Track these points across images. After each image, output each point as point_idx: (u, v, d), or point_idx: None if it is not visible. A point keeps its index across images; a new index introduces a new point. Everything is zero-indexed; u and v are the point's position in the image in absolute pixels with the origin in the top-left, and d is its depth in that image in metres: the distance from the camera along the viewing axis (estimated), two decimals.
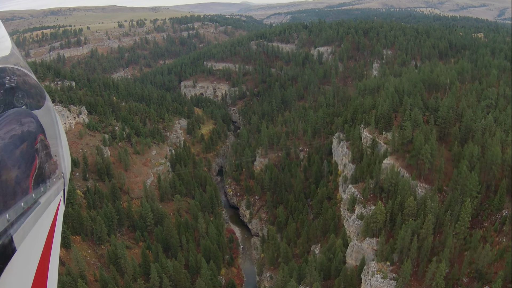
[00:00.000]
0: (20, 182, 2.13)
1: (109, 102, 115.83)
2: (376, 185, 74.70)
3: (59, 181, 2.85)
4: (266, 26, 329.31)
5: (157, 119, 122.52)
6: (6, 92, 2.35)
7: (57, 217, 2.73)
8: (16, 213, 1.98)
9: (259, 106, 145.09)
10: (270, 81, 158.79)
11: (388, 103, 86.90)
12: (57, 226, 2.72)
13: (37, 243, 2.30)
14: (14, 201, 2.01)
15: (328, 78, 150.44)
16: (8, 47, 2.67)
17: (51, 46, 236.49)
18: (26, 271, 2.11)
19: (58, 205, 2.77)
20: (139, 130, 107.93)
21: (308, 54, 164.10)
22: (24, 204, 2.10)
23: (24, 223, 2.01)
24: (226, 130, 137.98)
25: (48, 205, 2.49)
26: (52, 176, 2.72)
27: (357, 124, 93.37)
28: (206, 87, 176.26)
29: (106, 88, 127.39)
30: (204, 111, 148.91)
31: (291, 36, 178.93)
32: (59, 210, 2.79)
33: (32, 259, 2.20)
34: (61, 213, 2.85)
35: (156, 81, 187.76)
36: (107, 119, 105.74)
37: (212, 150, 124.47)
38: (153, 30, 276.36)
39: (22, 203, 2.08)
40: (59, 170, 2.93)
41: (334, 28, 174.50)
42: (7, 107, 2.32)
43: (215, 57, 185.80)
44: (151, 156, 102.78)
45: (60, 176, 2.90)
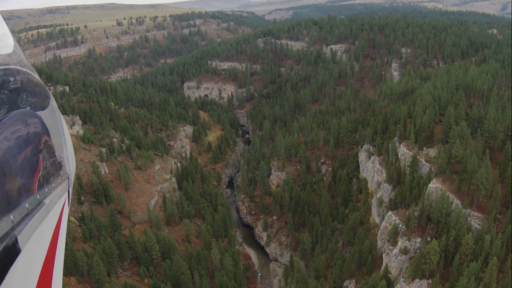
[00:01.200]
0: (24, 183, 2.12)
1: (106, 109, 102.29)
2: (422, 213, 62.04)
3: (64, 182, 2.80)
4: (270, 22, 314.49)
5: (159, 126, 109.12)
6: (10, 93, 2.31)
7: (62, 218, 2.68)
8: (20, 214, 1.97)
9: (269, 110, 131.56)
10: (280, 81, 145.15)
11: (428, 114, 73.73)
12: (62, 227, 2.67)
13: (42, 244, 2.28)
14: (19, 202, 2.00)
15: (344, 79, 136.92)
16: (11, 45, 2.59)
17: (46, 46, 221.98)
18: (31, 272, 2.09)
19: (63, 206, 2.72)
20: (140, 141, 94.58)
21: (320, 53, 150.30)
22: (28, 205, 2.09)
23: (28, 224, 2.01)
24: (235, 136, 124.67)
25: (52, 206, 2.47)
26: (56, 177, 2.68)
27: (389, 136, 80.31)
28: (211, 88, 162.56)
29: (103, 92, 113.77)
30: (210, 115, 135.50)
31: (300, 33, 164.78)
32: (63, 211, 2.74)
33: (37, 260, 2.18)
34: (66, 214, 2.79)
35: (157, 82, 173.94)
36: (104, 129, 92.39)
37: (220, 160, 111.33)
38: (153, 28, 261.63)
39: (27, 204, 2.07)
40: (64, 171, 2.86)
41: (346, 24, 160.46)
42: (11, 108, 2.28)
43: (220, 56, 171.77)
44: (154, 172, 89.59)
45: (64, 177, 2.83)
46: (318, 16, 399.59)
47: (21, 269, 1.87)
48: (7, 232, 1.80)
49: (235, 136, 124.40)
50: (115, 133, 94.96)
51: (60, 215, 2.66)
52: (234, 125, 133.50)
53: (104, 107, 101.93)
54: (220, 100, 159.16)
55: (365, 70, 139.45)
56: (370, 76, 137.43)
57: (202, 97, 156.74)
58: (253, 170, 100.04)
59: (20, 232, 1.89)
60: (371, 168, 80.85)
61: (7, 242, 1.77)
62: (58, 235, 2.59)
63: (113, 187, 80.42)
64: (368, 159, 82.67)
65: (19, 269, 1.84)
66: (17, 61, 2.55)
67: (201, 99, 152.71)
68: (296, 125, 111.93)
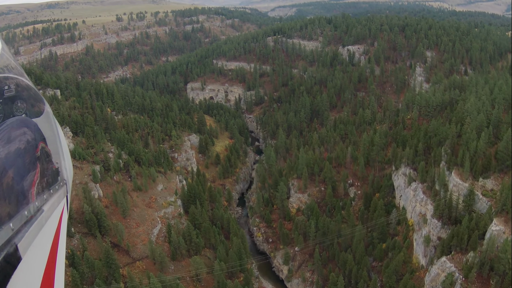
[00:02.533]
0: (23, 190, 2.11)
1: (101, 116, 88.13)
2: (484, 262, 49.08)
3: (62, 188, 2.76)
4: (275, 19, 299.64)
5: (161, 136, 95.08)
6: (5, 102, 2.28)
7: (61, 224, 2.65)
8: (20, 222, 1.96)
9: (282, 116, 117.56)
10: (292, 84, 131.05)
11: (484, 137, 60.35)
12: (62, 233, 2.64)
13: (42, 251, 2.26)
14: (18, 210, 1.99)
15: (364, 83, 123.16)
16: None
17: (42, 43, 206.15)
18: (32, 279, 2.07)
19: (61, 212, 2.69)
20: (139, 155, 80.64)
21: (336, 54, 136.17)
22: (27, 212, 2.08)
23: (28, 232, 1.99)
24: (245, 146, 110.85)
25: (51, 213, 2.44)
26: (54, 184, 2.65)
27: (434, 160, 66.97)
28: (217, 90, 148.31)
29: (98, 97, 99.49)
30: (217, 121, 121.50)
31: (314, 32, 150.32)
32: (62, 217, 2.70)
33: (38, 267, 2.17)
34: (65, 220, 2.76)
35: (158, 82, 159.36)
36: (98, 142, 78.40)
37: (230, 174, 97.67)
38: (154, 24, 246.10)
39: (26, 211, 2.06)
40: (61, 177, 2.82)
41: (364, 24, 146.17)
42: (6, 117, 2.27)
43: (226, 54, 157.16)
44: (156, 193, 75.85)
45: (62, 183, 2.79)
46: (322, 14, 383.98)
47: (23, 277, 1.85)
48: (7, 240, 1.79)
49: (245, 146, 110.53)
50: (111, 146, 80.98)
51: (59, 221, 2.60)
52: (243, 132, 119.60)
53: (99, 114, 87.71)
54: (227, 103, 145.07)
55: (387, 74, 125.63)
56: (392, 81, 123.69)
57: (207, 100, 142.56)
58: (269, 189, 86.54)
59: (20, 239, 1.88)
60: (412, 196, 67.55)
61: (7, 250, 1.76)
62: (58, 241, 2.54)
63: (108, 214, 66.71)
64: (408, 185, 69.32)
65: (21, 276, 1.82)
66: (5, 65, 2.43)
67: (206, 102, 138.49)
68: (316, 136, 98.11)
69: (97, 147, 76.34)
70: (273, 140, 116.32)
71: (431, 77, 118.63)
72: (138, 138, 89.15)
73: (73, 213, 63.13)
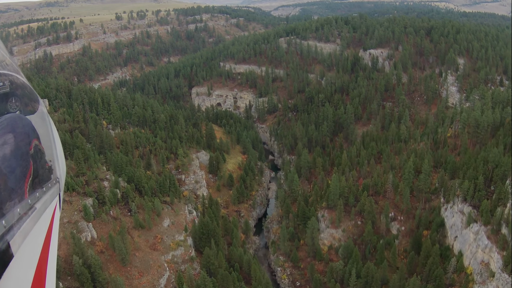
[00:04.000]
0: (15, 188, 2.09)
1: (95, 132, 73.72)
2: None
3: (55, 186, 2.74)
4: (281, 19, 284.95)
5: (166, 154, 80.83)
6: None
7: (54, 222, 2.63)
8: (12, 219, 1.94)
9: (300, 128, 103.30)
10: (310, 92, 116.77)
11: None
12: (54, 231, 2.62)
13: (35, 249, 2.24)
14: (10, 207, 1.97)
15: (391, 93, 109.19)
16: None
17: (37, 43, 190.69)
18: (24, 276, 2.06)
19: (54, 210, 2.67)
20: (141, 182, 66.34)
21: (357, 58, 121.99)
22: (20, 209, 2.05)
23: (20, 229, 1.97)
24: (261, 164, 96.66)
25: (44, 210, 2.41)
26: (47, 181, 2.63)
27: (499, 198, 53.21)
28: (225, 95, 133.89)
29: (92, 107, 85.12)
30: (226, 132, 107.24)
31: (331, 34, 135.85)
32: (55, 215, 2.68)
33: (30, 265, 2.16)
34: (57, 218, 2.74)
35: (160, 86, 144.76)
36: (91, 168, 64.07)
37: (246, 198, 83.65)
38: (155, 23, 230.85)
39: (18, 209, 2.04)
40: (54, 175, 2.79)
41: (385, 25, 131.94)
42: (0, 113, 2.26)
43: (235, 56, 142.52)
44: (162, 231, 61.66)
45: (55, 181, 2.77)
46: (327, 14, 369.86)
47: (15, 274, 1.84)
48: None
49: (260, 163, 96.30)
50: (106, 171, 66.65)
51: (52, 219, 2.59)
52: (256, 145, 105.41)
53: (92, 130, 73.26)
54: (236, 110, 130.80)
55: (415, 82, 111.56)
56: (421, 90, 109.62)
57: (215, 107, 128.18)
58: (294, 220, 72.56)
59: (12, 237, 1.86)
60: (471, 239, 53.87)
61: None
62: (50, 239, 2.52)
63: (104, 262, 52.59)
64: (467, 225, 55.50)
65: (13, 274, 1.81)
66: None
67: (214, 109, 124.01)
68: (345, 156, 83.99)
69: (90, 174, 61.96)
70: (290, 156, 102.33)
71: (464, 87, 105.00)
72: (138, 158, 74.83)
73: (61, 262, 49.00)
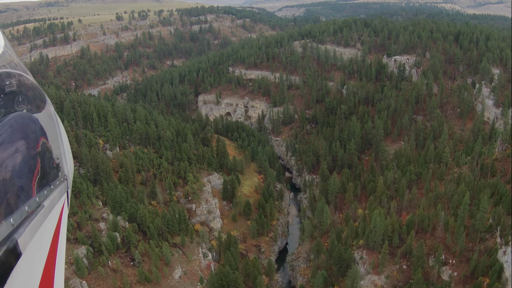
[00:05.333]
0: (23, 186, 2.07)
1: (89, 157, 60.13)
2: None
3: (62, 184, 2.70)
4: (289, 20, 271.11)
5: (173, 179, 67.31)
6: (6, 97, 2.25)
7: (62, 220, 2.60)
8: (20, 217, 1.91)
9: (324, 145, 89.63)
10: (330, 102, 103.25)
11: None
12: (62, 229, 2.59)
13: (43, 247, 2.22)
14: (18, 205, 1.95)
15: (422, 105, 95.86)
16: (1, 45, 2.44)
17: (32, 44, 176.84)
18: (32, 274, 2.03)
19: (62, 208, 2.64)
20: (145, 222, 52.83)
21: (382, 65, 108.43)
22: (28, 207, 2.02)
23: (29, 227, 1.94)
24: (280, 186, 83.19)
25: (52, 208, 2.38)
26: (55, 179, 2.59)
27: None
28: (235, 104, 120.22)
29: (86, 122, 71.58)
30: (239, 147, 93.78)
31: (351, 38, 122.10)
32: (63, 213, 2.66)
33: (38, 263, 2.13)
34: (65, 216, 2.72)
35: (164, 93, 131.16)
36: (84, 205, 50.55)
37: (266, 229, 70.19)
38: (158, 23, 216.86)
39: (26, 207, 2.01)
40: (62, 172, 2.76)
41: (410, 29, 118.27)
42: (8, 112, 2.24)
43: (245, 61, 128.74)
44: (173, 284, 48.13)
45: (63, 178, 2.74)
46: (332, 15, 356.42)
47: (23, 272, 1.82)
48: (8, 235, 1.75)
49: (281, 187, 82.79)
50: (102, 207, 53.15)
51: (60, 217, 2.56)
52: (273, 162, 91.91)
53: (85, 154, 59.64)
54: (247, 120, 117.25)
55: (447, 93, 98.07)
56: (453, 102, 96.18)
57: (224, 116, 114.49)
58: (327, 261, 59.19)
59: (20, 235, 1.84)
60: None
61: (8, 246, 1.72)
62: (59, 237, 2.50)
63: None
64: None
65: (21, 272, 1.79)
66: (7, 61, 2.36)
67: (224, 120, 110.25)
68: (381, 182, 70.60)
69: (82, 215, 48.36)
70: (311, 175, 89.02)
71: (501, 100, 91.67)
72: (141, 187, 61.21)
73: None
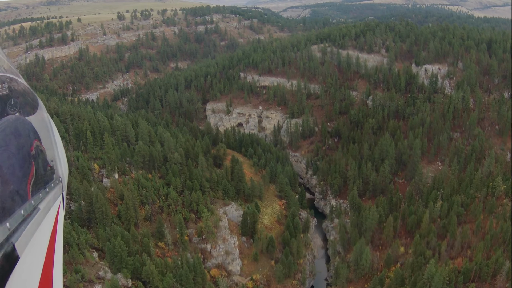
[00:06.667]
0: (18, 189, 2.06)
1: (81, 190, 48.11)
2: None
3: (57, 186, 2.69)
4: (297, 21, 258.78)
5: (184, 213, 55.40)
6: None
7: (58, 222, 2.59)
8: (16, 221, 1.90)
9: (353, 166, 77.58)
10: (355, 115, 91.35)
11: None
12: (58, 231, 2.58)
13: (40, 249, 2.20)
14: (14, 209, 1.93)
15: (458, 121, 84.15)
16: None
17: (28, 45, 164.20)
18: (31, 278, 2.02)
19: (57, 210, 2.62)
20: (152, 280, 40.84)
21: (412, 75, 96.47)
22: (24, 211, 2.01)
23: (25, 230, 1.93)
24: (307, 216, 71.16)
25: (48, 211, 2.36)
26: (50, 182, 2.59)
27: None
28: (248, 114, 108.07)
29: (79, 141, 59.56)
30: (254, 166, 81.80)
31: (374, 43, 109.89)
32: (59, 215, 2.64)
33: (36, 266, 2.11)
34: (61, 218, 2.70)
35: (168, 100, 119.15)
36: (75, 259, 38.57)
37: (292, 270, 58.35)
38: (161, 23, 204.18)
39: (22, 210, 2.00)
40: (57, 175, 2.75)
41: (440, 36, 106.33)
42: (0, 116, 2.21)
43: (258, 66, 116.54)
44: None
45: (58, 180, 2.72)
46: (338, 16, 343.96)
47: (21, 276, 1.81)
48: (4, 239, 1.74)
49: (307, 217, 70.77)
50: (98, 261, 41.15)
51: (56, 219, 2.54)
52: (293, 183, 80.00)
53: (75, 186, 47.54)
54: (261, 132, 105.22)
55: (483, 108, 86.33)
56: (491, 118, 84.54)
57: (236, 129, 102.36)
58: None
59: (17, 239, 1.82)
60: None
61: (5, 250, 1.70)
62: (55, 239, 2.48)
63: None
64: None
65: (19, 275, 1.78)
66: None
67: (236, 133, 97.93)
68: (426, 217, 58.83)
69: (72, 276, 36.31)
70: (338, 199, 77.27)
71: None
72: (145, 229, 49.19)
73: None
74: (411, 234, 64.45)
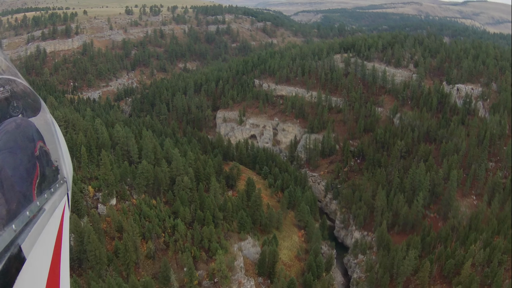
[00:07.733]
0: (23, 191, 2.06)
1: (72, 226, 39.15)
2: None
3: (62, 186, 2.67)
4: (312, 25, 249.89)
5: (193, 251, 46.36)
6: (0, 103, 2.24)
7: (64, 222, 2.58)
8: (22, 223, 1.89)
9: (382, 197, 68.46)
10: (381, 134, 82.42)
11: None
12: (64, 231, 2.56)
13: (46, 250, 2.19)
14: (19, 210, 1.93)
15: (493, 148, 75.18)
16: None
17: (30, 36, 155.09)
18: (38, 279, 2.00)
19: (63, 210, 2.61)
20: None
21: (444, 95, 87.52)
22: (29, 212, 2.00)
23: (31, 232, 1.92)
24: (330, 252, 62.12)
25: (53, 211, 2.36)
26: (54, 182, 2.57)
27: None
28: (262, 126, 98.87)
29: (73, 156, 50.49)
30: (269, 186, 72.82)
31: (402, 56, 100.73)
32: (64, 215, 2.63)
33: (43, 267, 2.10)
34: (67, 218, 2.68)
35: (175, 104, 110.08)
36: None
37: None
38: (171, 20, 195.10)
39: (28, 211, 1.99)
40: (61, 175, 2.72)
41: (473, 54, 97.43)
42: (3, 118, 2.22)
43: (275, 74, 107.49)
44: None
45: (62, 181, 2.70)
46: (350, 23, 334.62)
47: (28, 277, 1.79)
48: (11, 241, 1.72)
49: (330, 253, 61.72)
50: None
51: (61, 220, 2.53)
52: (314, 210, 70.96)
53: None
54: (275, 146, 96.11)
55: None
56: None
57: (249, 141, 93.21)
58: None
59: (23, 240, 1.81)
60: None
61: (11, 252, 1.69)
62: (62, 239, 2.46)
63: None
64: None
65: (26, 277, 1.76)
66: None
67: (249, 147, 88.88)
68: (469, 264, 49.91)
69: None
70: (363, 231, 68.25)
71: None
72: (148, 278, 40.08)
73: None
74: (447, 280, 55.88)
